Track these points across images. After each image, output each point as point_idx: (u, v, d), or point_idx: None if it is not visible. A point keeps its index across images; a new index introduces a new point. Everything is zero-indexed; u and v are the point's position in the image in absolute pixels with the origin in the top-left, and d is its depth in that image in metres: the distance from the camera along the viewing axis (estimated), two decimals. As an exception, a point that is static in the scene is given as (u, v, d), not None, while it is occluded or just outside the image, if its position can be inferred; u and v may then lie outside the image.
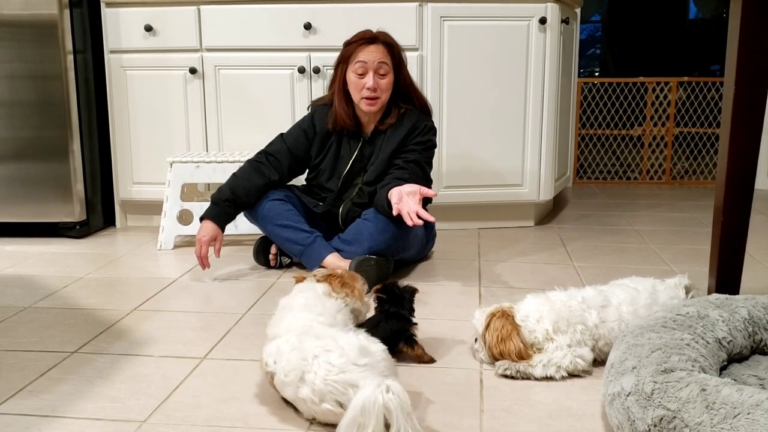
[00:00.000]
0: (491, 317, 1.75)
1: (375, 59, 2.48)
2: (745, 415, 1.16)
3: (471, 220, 3.28)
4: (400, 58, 2.57)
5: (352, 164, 2.59)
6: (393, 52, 2.54)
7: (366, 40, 2.51)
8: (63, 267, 2.67)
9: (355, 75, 2.50)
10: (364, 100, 2.50)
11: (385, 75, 2.50)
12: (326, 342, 1.44)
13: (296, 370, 1.42)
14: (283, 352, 1.48)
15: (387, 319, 1.76)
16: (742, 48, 1.84)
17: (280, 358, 1.48)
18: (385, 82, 2.51)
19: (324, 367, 1.38)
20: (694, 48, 7.66)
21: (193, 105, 3.19)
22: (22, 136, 3.05)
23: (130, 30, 3.15)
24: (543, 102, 3.14)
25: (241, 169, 2.62)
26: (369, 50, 2.49)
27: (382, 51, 2.50)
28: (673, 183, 4.63)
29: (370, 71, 2.47)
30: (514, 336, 1.70)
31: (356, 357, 1.39)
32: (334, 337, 1.47)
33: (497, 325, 1.72)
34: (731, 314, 1.60)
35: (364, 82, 2.48)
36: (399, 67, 2.56)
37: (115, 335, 1.97)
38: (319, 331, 1.52)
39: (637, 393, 1.29)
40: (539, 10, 3.06)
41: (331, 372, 1.38)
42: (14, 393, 1.60)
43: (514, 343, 1.69)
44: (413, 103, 2.62)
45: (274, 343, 1.54)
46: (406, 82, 2.60)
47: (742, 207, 1.93)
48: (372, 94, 2.48)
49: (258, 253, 2.66)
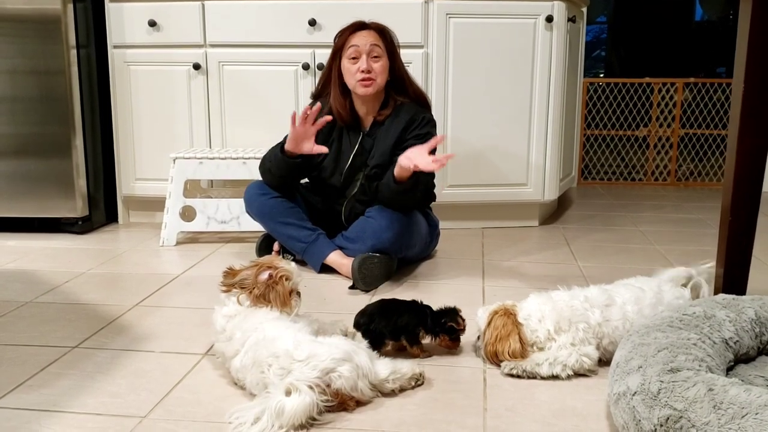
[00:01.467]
0: (493, 315, 1.73)
1: (367, 42, 2.47)
2: (753, 415, 1.14)
3: (475, 219, 3.27)
4: (393, 45, 2.55)
5: (354, 158, 2.57)
6: (385, 37, 2.53)
7: (358, 26, 2.52)
8: (65, 262, 2.66)
9: (348, 60, 2.49)
10: (359, 83, 2.48)
11: (378, 57, 2.49)
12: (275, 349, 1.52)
13: (259, 383, 1.51)
14: (246, 366, 1.55)
15: (403, 312, 1.76)
16: (751, 47, 1.82)
17: (245, 372, 1.56)
18: (379, 65, 2.49)
19: (278, 374, 1.48)
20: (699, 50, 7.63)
21: (197, 101, 3.18)
22: (25, 131, 3.04)
23: (133, 25, 3.14)
24: (549, 101, 3.13)
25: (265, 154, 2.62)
26: (361, 35, 2.49)
27: (374, 35, 2.50)
28: (678, 184, 4.61)
29: (363, 54, 2.46)
30: (513, 335, 1.68)
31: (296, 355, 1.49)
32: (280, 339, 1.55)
33: (498, 323, 1.71)
34: (738, 315, 1.59)
35: (358, 66, 2.46)
36: (393, 54, 2.55)
37: (117, 331, 1.95)
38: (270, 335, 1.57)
39: (643, 392, 1.28)
40: (546, 8, 3.04)
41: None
42: (14, 387, 1.59)
43: (511, 342, 1.68)
44: (407, 93, 2.60)
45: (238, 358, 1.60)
46: (400, 72, 2.58)
47: (749, 207, 1.92)
48: (366, 75, 2.46)
49: (261, 251, 2.65)
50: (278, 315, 1.65)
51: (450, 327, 1.75)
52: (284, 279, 1.70)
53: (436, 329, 1.75)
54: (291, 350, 1.49)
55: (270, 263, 1.73)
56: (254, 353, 1.53)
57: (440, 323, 1.75)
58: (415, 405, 1.51)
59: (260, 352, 1.52)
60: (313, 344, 1.52)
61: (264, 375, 1.49)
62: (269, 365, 1.48)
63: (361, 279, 2.32)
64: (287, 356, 1.48)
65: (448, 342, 1.77)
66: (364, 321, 1.76)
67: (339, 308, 2.15)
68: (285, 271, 1.71)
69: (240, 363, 1.56)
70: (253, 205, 2.58)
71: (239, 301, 1.67)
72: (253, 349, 1.54)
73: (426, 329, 1.75)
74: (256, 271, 1.70)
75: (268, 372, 1.48)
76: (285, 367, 1.46)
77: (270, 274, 1.69)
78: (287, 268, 1.72)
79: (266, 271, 1.70)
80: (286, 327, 1.59)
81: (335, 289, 2.35)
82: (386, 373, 1.54)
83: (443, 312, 1.77)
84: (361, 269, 2.32)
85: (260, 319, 1.62)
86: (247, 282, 1.68)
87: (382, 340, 1.74)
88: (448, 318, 1.75)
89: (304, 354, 1.47)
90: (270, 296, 1.67)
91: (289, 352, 1.48)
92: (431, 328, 1.75)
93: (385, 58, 2.51)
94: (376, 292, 2.31)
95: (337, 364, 1.46)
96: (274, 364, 1.48)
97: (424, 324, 1.75)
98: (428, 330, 1.75)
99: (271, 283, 1.68)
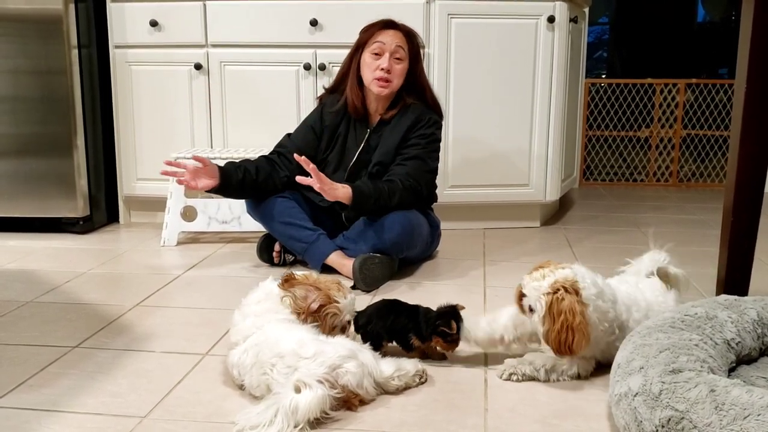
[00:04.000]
0: (554, 296, 1.50)
1: (393, 42, 2.47)
2: (755, 416, 1.14)
3: (476, 219, 3.26)
4: (418, 50, 2.56)
5: (359, 155, 2.57)
6: (411, 41, 2.53)
7: (386, 24, 2.52)
8: (66, 262, 2.66)
9: (370, 55, 2.48)
10: (375, 81, 2.48)
11: (400, 60, 2.49)
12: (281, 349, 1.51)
13: (261, 385, 1.50)
14: (245, 365, 1.54)
15: (399, 314, 1.75)
16: (754, 48, 1.82)
17: (243, 372, 1.55)
18: (400, 68, 2.49)
19: (284, 372, 1.47)
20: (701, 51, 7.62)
21: (198, 101, 3.18)
22: (26, 131, 3.04)
23: (135, 25, 3.14)
24: (550, 102, 3.12)
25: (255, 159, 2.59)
26: (388, 33, 2.49)
27: (400, 37, 2.50)
28: (680, 185, 4.60)
29: (387, 53, 2.46)
30: (584, 326, 1.46)
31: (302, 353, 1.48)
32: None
33: (564, 306, 1.48)
34: (740, 315, 1.58)
35: (379, 63, 2.46)
36: (415, 59, 2.55)
37: (117, 330, 1.95)
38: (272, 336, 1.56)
39: (645, 393, 1.27)
40: (548, 9, 3.04)
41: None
42: (15, 387, 1.59)
43: (584, 335, 1.46)
44: (425, 101, 2.60)
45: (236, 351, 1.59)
46: (420, 79, 2.59)
47: (751, 208, 1.91)
48: (385, 75, 2.46)
49: (261, 251, 2.64)
50: (282, 317, 1.64)
51: (442, 331, 1.68)
52: (330, 316, 1.69)
53: (429, 332, 1.69)
54: (296, 349, 1.49)
55: (327, 292, 1.71)
56: (255, 353, 1.52)
57: (434, 326, 1.69)
58: (416, 405, 1.51)
59: (263, 352, 1.51)
60: (319, 342, 1.52)
61: (267, 376, 1.48)
62: (273, 365, 1.48)
63: (362, 279, 2.32)
64: (293, 355, 1.48)
65: (444, 345, 1.71)
66: (363, 322, 1.75)
67: (340, 308, 2.14)
68: (334, 309, 1.70)
69: (238, 358, 1.56)
70: (254, 205, 2.58)
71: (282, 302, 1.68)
72: (254, 349, 1.53)
73: (418, 336, 1.71)
74: (309, 298, 1.69)
75: (271, 372, 1.47)
76: (291, 365, 1.46)
77: (320, 306, 1.68)
78: (338, 306, 1.70)
79: (317, 302, 1.69)
80: (287, 328, 1.59)
81: (336, 290, 2.34)
82: (391, 371, 1.55)
83: (440, 314, 1.70)
84: (362, 269, 2.32)
85: (269, 317, 1.62)
86: (299, 302, 1.68)
87: (380, 341, 1.73)
88: (442, 321, 1.69)
89: (310, 352, 1.47)
90: (314, 320, 1.68)
91: (295, 351, 1.48)
92: (423, 334, 1.70)
93: (407, 62, 2.51)
94: (377, 293, 2.31)
95: (344, 361, 1.47)
96: (279, 363, 1.47)
97: (416, 330, 1.71)
98: (421, 337, 1.70)
99: (318, 316, 1.69)
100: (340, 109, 2.59)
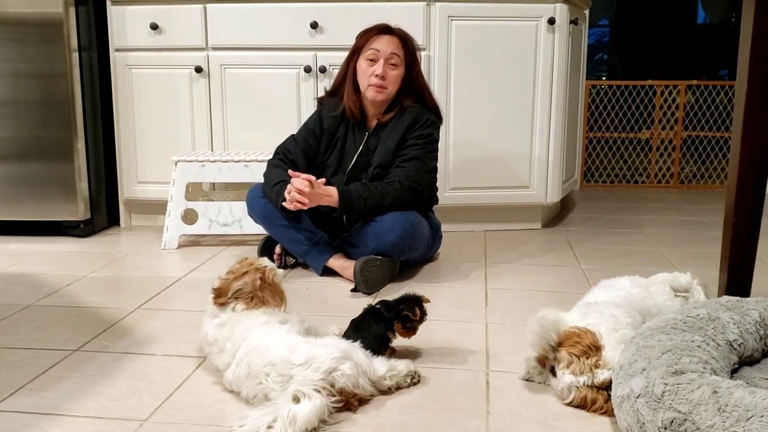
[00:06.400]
0: (572, 360, 1.50)
1: (388, 49, 2.47)
2: (758, 417, 1.13)
3: (477, 221, 3.26)
4: (414, 55, 2.55)
5: (357, 158, 2.57)
6: (407, 47, 2.52)
7: (382, 30, 2.52)
8: (66, 265, 2.66)
9: (366, 61, 2.49)
10: (371, 87, 2.48)
11: (395, 66, 2.49)
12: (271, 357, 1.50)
13: (258, 394, 1.50)
14: (240, 378, 1.54)
15: (370, 324, 1.73)
16: (754, 48, 1.82)
17: (239, 385, 1.54)
18: (395, 74, 2.49)
19: (278, 381, 1.46)
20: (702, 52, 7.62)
21: (199, 104, 3.18)
22: (27, 135, 3.04)
23: (135, 28, 3.14)
24: (551, 103, 3.12)
25: (267, 171, 2.58)
26: (383, 39, 2.49)
27: (396, 43, 2.50)
28: (681, 187, 4.60)
29: (381, 59, 2.46)
30: (609, 410, 1.45)
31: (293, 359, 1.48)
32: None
33: (585, 367, 1.49)
34: (742, 317, 1.58)
35: (374, 69, 2.46)
36: (411, 64, 2.54)
37: (118, 334, 1.95)
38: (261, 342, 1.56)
39: (647, 395, 1.27)
40: (548, 11, 3.04)
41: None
42: (15, 390, 1.59)
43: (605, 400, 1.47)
44: (425, 104, 2.60)
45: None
46: (419, 82, 2.58)
47: (753, 208, 1.91)
48: (380, 81, 2.46)
49: (262, 253, 2.64)
50: (265, 319, 1.63)
51: (405, 316, 1.70)
52: (274, 275, 1.71)
53: (391, 317, 1.70)
54: (287, 356, 1.47)
55: (255, 266, 1.73)
56: (247, 364, 1.51)
57: (397, 310, 1.71)
58: (417, 408, 1.51)
59: (254, 362, 1.50)
60: (309, 346, 1.51)
61: (262, 386, 1.47)
62: (267, 374, 1.47)
63: (363, 282, 2.32)
64: (285, 362, 1.46)
65: (401, 330, 1.71)
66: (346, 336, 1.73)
67: (341, 311, 2.13)
68: (271, 268, 1.73)
69: (233, 375, 1.54)
70: (255, 207, 2.57)
71: (234, 309, 1.66)
72: (246, 360, 1.52)
73: (388, 328, 1.71)
74: (252, 278, 1.69)
75: (266, 381, 1.47)
76: (284, 373, 1.45)
77: (261, 276, 1.69)
78: (270, 265, 1.74)
79: (258, 273, 1.70)
80: (274, 332, 1.58)
81: (337, 292, 2.34)
82: (384, 370, 1.55)
83: (404, 299, 1.73)
84: (363, 272, 2.32)
85: (246, 325, 1.60)
86: (244, 291, 1.68)
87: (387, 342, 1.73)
88: (406, 306, 1.71)
89: (302, 358, 1.46)
90: (267, 296, 1.67)
91: (286, 358, 1.47)
92: (386, 318, 1.71)
93: (402, 68, 2.51)
94: (378, 295, 2.31)
95: (338, 363, 1.46)
96: (272, 372, 1.46)
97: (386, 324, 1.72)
98: (386, 324, 1.71)
99: (264, 285, 1.69)
100: (339, 113, 2.59)
